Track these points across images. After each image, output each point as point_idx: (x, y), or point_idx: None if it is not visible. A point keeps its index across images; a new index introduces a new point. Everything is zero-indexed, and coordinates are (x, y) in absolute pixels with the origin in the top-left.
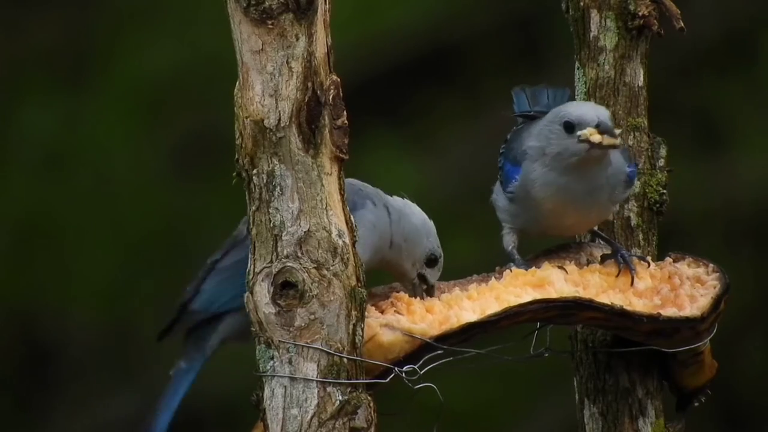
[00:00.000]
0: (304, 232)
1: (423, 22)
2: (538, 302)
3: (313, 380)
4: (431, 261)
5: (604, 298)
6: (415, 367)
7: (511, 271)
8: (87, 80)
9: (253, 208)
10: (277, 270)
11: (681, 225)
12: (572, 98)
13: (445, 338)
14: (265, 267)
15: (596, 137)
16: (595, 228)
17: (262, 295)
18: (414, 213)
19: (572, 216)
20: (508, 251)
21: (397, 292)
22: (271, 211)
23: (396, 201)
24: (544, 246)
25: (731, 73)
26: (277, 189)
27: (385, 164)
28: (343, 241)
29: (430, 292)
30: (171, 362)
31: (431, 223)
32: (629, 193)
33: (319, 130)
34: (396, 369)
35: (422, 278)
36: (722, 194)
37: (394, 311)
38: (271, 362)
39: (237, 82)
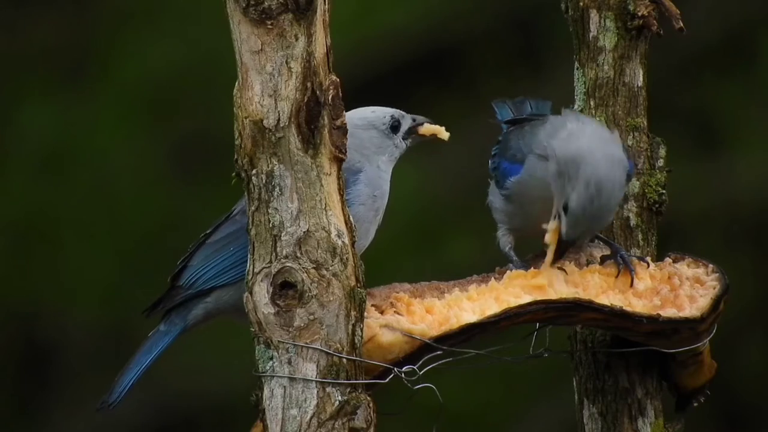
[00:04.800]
0: (304, 232)
1: (422, 23)
2: (537, 303)
3: (312, 380)
4: (395, 127)
5: (604, 299)
6: (415, 367)
7: (510, 271)
8: (86, 80)
9: (253, 208)
10: (276, 270)
11: (681, 225)
12: (554, 109)
13: (444, 339)
14: (264, 267)
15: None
16: None
17: (261, 295)
18: (354, 123)
19: None
20: (504, 252)
21: (397, 292)
22: (270, 211)
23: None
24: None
25: (731, 74)
26: (277, 189)
27: None
28: (343, 242)
29: (421, 123)
30: (170, 362)
31: (361, 112)
32: (623, 192)
33: (318, 131)
34: (395, 369)
35: (410, 131)
36: (722, 194)
37: (394, 312)
38: (271, 362)
39: (236, 82)
